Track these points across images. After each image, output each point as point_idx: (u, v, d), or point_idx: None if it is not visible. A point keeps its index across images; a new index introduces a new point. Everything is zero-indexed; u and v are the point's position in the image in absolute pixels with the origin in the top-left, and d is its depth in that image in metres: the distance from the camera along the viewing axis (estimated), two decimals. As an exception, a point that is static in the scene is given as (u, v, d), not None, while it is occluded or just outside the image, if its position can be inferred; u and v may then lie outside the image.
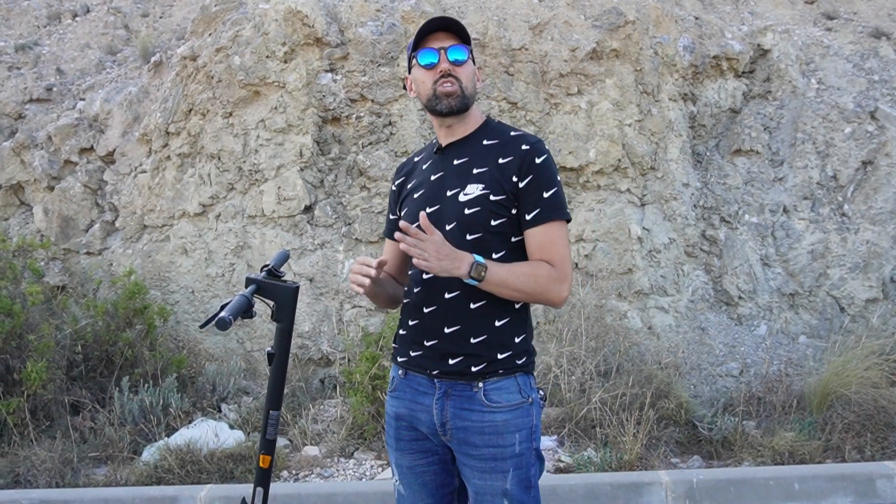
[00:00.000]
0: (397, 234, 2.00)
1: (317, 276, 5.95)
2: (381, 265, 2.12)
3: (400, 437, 2.27)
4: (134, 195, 6.40)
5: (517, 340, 2.17)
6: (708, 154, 6.74)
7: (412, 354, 2.23)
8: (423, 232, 2.00)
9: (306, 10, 6.06)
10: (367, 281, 2.11)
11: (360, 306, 5.91)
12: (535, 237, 2.14)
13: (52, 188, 6.58)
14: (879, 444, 4.80)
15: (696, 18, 7.01)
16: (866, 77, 6.87)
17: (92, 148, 6.68)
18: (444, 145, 2.27)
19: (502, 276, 2.05)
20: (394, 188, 2.42)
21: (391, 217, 2.44)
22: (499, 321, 2.15)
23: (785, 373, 5.61)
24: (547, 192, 2.13)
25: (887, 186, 6.43)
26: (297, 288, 2.21)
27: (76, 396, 5.14)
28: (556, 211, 2.14)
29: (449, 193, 2.19)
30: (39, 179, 6.57)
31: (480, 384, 2.13)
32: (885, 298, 6.27)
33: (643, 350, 5.70)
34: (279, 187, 6.01)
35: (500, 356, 2.14)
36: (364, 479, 4.61)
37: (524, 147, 2.16)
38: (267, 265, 2.24)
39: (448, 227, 2.15)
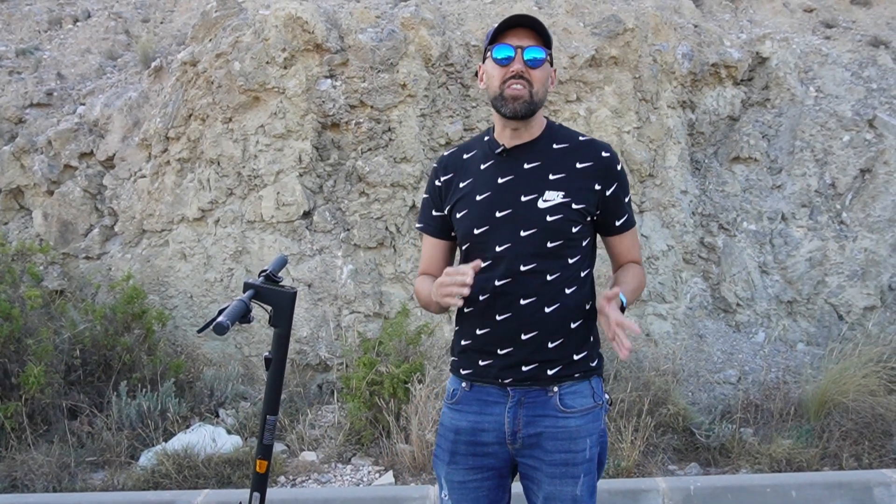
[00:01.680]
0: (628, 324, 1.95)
1: (315, 281, 5.95)
2: (476, 268, 2.02)
3: (456, 451, 2.21)
4: (133, 200, 6.40)
5: (591, 340, 2.22)
6: (706, 161, 6.76)
7: (481, 364, 2.18)
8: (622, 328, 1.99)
9: (306, 16, 6.07)
10: (465, 290, 1.97)
11: (358, 312, 5.91)
12: (625, 242, 2.30)
13: (51, 193, 6.58)
14: (877, 451, 4.80)
15: (695, 26, 7.04)
16: (865, 85, 6.89)
17: (92, 153, 6.69)
18: (509, 147, 2.20)
19: (630, 300, 2.17)
20: (438, 183, 2.29)
21: (434, 214, 2.31)
22: (574, 323, 2.16)
23: (783, 380, 5.61)
24: (626, 198, 2.25)
25: (885, 194, 6.44)
26: (295, 293, 2.22)
27: (74, 401, 5.13)
28: (633, 216, 2.31)
29: (524, 199, 2.13)
30: (39, 184, 6.58)
31: (556, 388, 2.14)
32: (883, 306, 6.28)
33: (641, 357, 5.70)
34: (278, 193, 6.02)
35: (576, 357, 2.16)
36: (361, 485, 4.60)
37: (605, 154, 2.20)
38: (265, 270, 2.24)
39: (524, 234, 2.12)
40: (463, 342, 2.23)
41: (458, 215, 2.22)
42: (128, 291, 5.58)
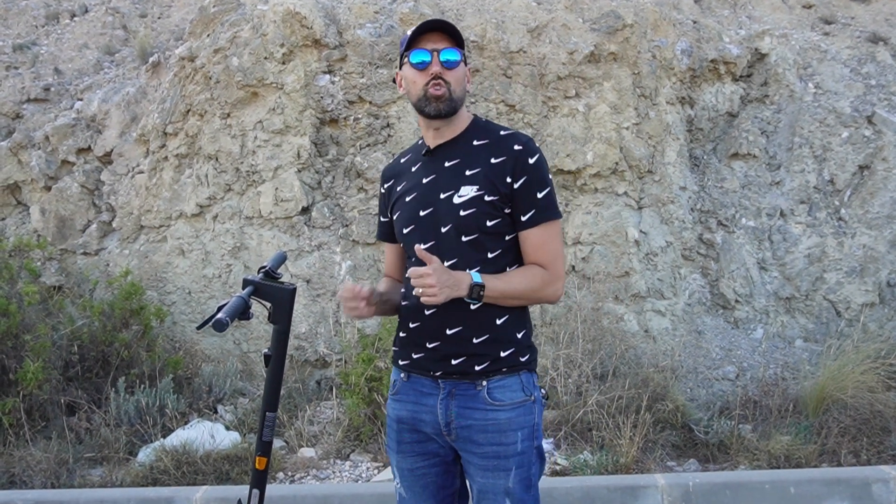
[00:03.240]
0: (411, 271, 2.03)
1: (314, 277, 5.94)
2: (371, 292, 2.19)
3: (401, 440, 2.28)
4: (131, 196, 6.39)
5: (519, 336, 2.20)
6: (705, 158, 6.75)
7: (414, 357, 2.24)
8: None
9: (305, 11, 6.06)
10: (362, 305, 2.16)
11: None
12: (530, 239, 2.18)
13: (49, 188, 6.57)
14: (875, 448, 4.81)
15: (694, 22, 7.03)
16: (863, 82, 6.89)
17: (89, 148, 6.67)
18: (432, 147, 2.28)
19: (500, 290, 2.11)
20: (382, 191, 2.44)
21: (382, 220, 2.46)
22: (499, 319, 2.16)
23: (781, 376, 5.62)
24: (541, 192, 2.17)
25: (884, 191, 6.44)
26: (294, 289, 2.21)
27: (72, 397, 5.12)
28: (550, 211, 2.18)
29: (443, 196, 2.20)
30: (36, 179, 6.57)
31: (484, 382, 2.15)
32: (882, 303, 6.28)
33: (640, 353, 5.70)
34: (277, 188, 6.01)
35: (503, 353, 2.16)
36: (360, 481, 4.60)
37: (517, 147, 2.17)
38: (264, 266, 2.24)
39: (444, 230, 2.17)
40: (400, 334, 2.31)
41: (394, 217, 2.34)
42: (126, 287, 5.57)
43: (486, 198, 2.14)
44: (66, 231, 6.47)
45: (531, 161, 2.17)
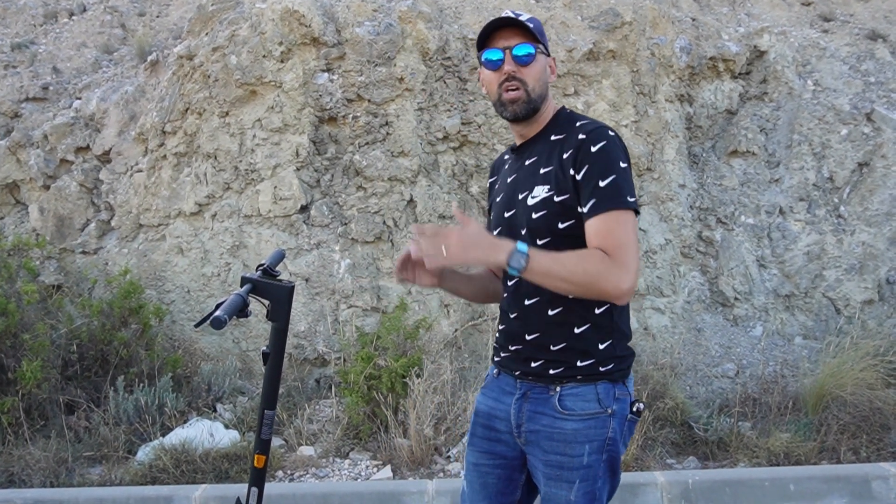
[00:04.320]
0: (414, 227, 1.96)
1: (313, 275, 5.94)
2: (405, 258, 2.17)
3: (474, 433, 2.26)
4: (130, 194, 6.38)
5: (601, 347, 2.06)
6: (704, 155, 6.75)
7: (503, 355, 2.23)
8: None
9: (303, 9, 6.05)
10: (402, 274, 2.19)
11: (356, 306, 5.90)
12: (590, 228, 1.95)
13: (47, 187, 6.56)
14: (875, 445, 4.81)
15: (693, 20, 7.02)
16: (863, 79, 6.89)
17: (88, 147, 6.66)
18: (518, 144, 2.21)
19: (545, 267, 1.88)
20: (489, 185, 2.40)
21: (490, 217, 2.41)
22: (578, 328, 2.06)
23: (780, 374, 5.62)
24: (603, 180, 1.94)
25: (883, 188, 6.44)
26: (293, 287, 2.21)
27: (71, 396, 5.12)
28: (613, 200, 1.93)
29: (520, 197, 2.11)
30: (35, 178, 6.56)
31: (557, 388, 2.07)
32: (881, 300, 6.28)
33: (639, 351, 5.70)
34: (275, 187, 6.00)
35: (579, 364, 2.06)
36: (359, 480, 4.60)
37: (581, 136, 2.00)
38: (262, 264, 2.23)
39: (523, 233, 2.08)
40: (496, 333, 2.29)
41: (490, 217, 2.30)
42: (125, 286, 5.56)
43: (556, 198, 2.01)
44: (64, 230, 6.47)
45: (594, 149, 1.96)
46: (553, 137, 2.11)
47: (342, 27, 6.21)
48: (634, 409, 2.09)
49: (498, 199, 2.22)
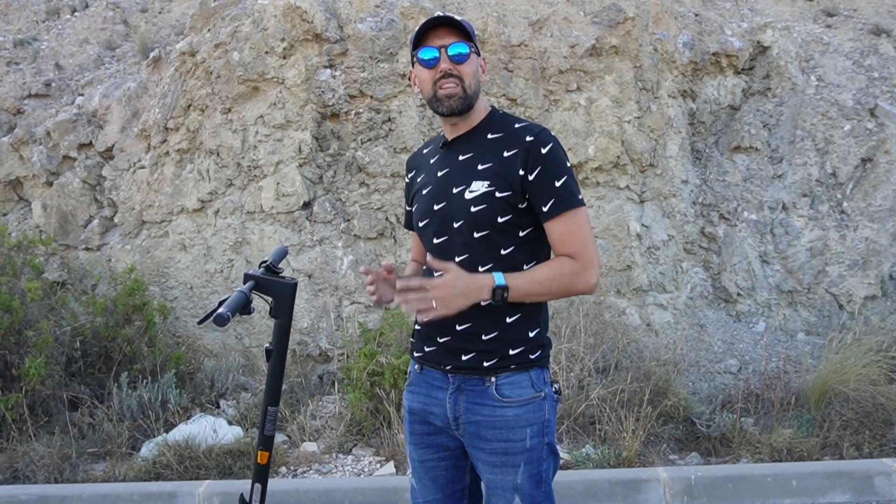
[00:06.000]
0: (398, 283, 1.99)
1: (315, 272, 5.95)
2: (387, 269, 2.23)
3: (413, 430, 2.30)
4: (132, 191, 6.39)
5: (531, 335, 2.16)
6: (707, 151, 6.74)
7: (426, 350, 2.25)
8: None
9: (305, 5, 6.04)
10: (371, 289, 2.23)
11: (359, 303, 5.91)
12: (555, 231, 2.11)
13: (50, 184, 6.57)
14: (877, 441, 4.81)
15: (696, 15, 7.01)
16: (866, 74, 6.87)
17: (90, 143, 6.67)
18: (449, 140, 2.26)
19: (525, 290, 2.05)
20: (407, 181, 2.48)
21: (408, 209, 2.48)
22: (510, 317, 2.14)
23: (783, 370, 5.62)
24: (558, 181, 2.09)
25: (886, 184, 6.43)
26: (296, 284, 2.21)
27: (75, 392, 5.14)
28: (570, 200, 2.09)
29: (455, 191, 2.17)
30: (38, 175, 6.57)
31: (493, 379, 2.13)
32: (884, 296, 6.27)
33: (642, 347, 5.70)
34: (278, 183, 6.00)
35: (511, 352, 2.14)
36: (362, 475, 4.61)
37: (528, 139, 2.11)
38: (265, 261, 2.23)
39: (456, 225, 2.16)
40: (416, 326, 2.32)
41: (413, 209, 2.35)
42: (129, 283, 5.57)
43: (498, 194, 2.10)
44: (67, 226, 6.48)
45: (544, 151, 2.10)
46: (490, 136, 2.19)
47: (344, 23, 6.21)
48: (555, 390, 2.22)
49: (424, 192, 2.28)
